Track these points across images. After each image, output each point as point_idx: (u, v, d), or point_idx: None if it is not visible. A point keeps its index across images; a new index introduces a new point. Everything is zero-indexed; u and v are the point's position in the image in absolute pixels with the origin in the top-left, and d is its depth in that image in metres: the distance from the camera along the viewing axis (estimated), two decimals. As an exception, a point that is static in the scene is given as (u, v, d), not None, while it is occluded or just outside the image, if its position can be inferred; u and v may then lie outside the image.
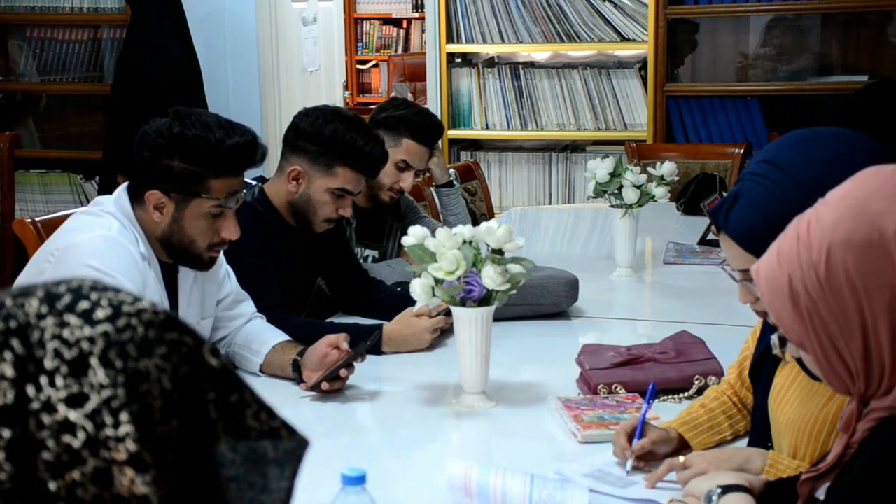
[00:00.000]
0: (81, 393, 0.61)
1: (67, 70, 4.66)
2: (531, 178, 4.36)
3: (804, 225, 1.08)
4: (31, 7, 4.56)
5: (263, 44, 4.67)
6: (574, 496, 1.39)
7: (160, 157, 1.73)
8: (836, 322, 1.05)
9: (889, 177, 1.06)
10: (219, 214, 1.76)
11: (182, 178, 1.73)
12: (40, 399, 0.61)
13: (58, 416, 0.61)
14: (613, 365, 1.82)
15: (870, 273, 1.03)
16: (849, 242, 1.04)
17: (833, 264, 1.04)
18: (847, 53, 4.08)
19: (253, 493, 0.66)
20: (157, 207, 1.75)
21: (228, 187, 1.75)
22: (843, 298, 1.04)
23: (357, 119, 2.19)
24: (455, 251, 1.70)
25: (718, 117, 4.10)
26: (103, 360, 0.62)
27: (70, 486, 0.60)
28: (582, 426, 1.63)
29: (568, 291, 2.27)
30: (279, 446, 0.67)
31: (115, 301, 0.64)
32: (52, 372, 0.61)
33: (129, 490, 0.61)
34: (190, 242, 1.77)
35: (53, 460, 0.60)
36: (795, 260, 1.06)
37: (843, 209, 1.05)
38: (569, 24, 4.17)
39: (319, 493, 1.18)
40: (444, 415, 1.78)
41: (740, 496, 1.20)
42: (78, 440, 0.61)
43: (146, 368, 0.63)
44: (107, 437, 0.61)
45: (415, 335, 2.04)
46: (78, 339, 0.62)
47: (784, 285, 1.07)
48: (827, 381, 1.11)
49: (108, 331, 0.63)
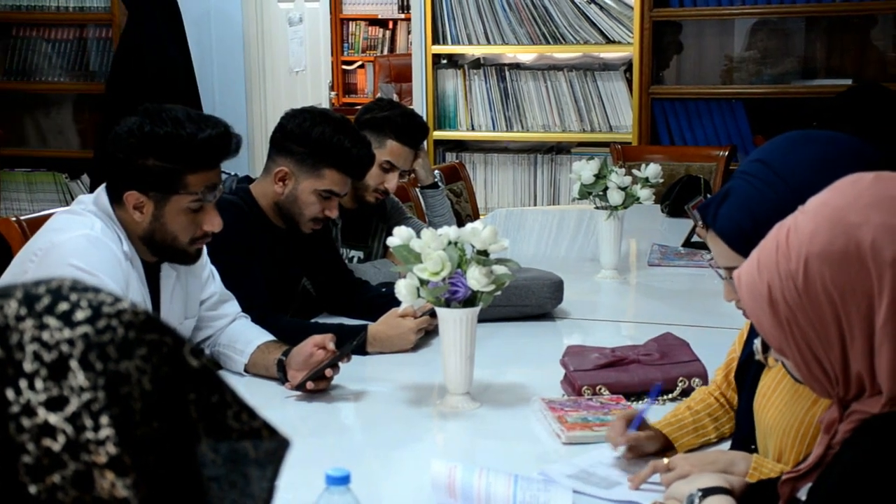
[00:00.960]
0: (61, 396, 0.61)
1: (53, 69, 4.64)
2: (516, 179, 4.37)
3: (783, 233, 1.08)
4: (17, 6, 4.55)
5: (250, 44, 4.67)
6: (558, 497, 1.39)
7: (134, 158, 1.71)
8: (814, 330, 1.06)
9: (866, 186, 1.07)
10: (199, 209, 1.75)
11: (158, 177, 1.72)
12: (20, 402, 0.60)
13: (38, 419, 0.60)
14: (598, 366, 1.83)
15: (846, 284, 1.04)
16: (826, 254, 1.04)
17: (811, 275, 1.05)
18: (831, 57, 4.09)
19: (234, 494, 0.66)
20: (137, 207, 1.74)
21: (206, 181, 1.74)
22: (820, 308, 1.05)
23: (344, 121, 2.19)
24: (440, 252, 1.71)
25: (703, 120, 4.11)
26: (83, 363, 0.61)
27: (50, 490, 0.60)
28: (566, 427, 1.64)
29: (553, 293, 2.28)
30: (260, 447, 0.67)
31: (95, 302, 0.64)
32: (31, 375, 0.61)
33: (110, 493, 0.61)
34: (173, 239, 1.76)
35: (34, 464, 0.60)
36: (774, 269, 1.07)
37: (821, 219, 1.06)
38: (554, 26, 4.18)
39: (303, 493, 1.18)
40: (428, 415, 1.78)
41: (721, 498, 1.20)
42: (58, 444, 0.60)
43: (126, 370, 0.62)
44: (87, 440, 0.60)
45: (399, 336, 2.04)
46: (57, 342, 0.62)
47: (764, 294, 1.08)
48: (808, 385, 1.12)
49: (88, 332, 0.62)
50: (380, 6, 7.16)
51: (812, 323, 1.06)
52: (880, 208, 1.04)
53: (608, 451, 1.56)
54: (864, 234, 1.04)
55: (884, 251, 1.03)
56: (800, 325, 1.06)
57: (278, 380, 1.84)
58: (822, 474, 1.10)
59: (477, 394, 1.79)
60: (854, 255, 1.04)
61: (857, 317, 1.04)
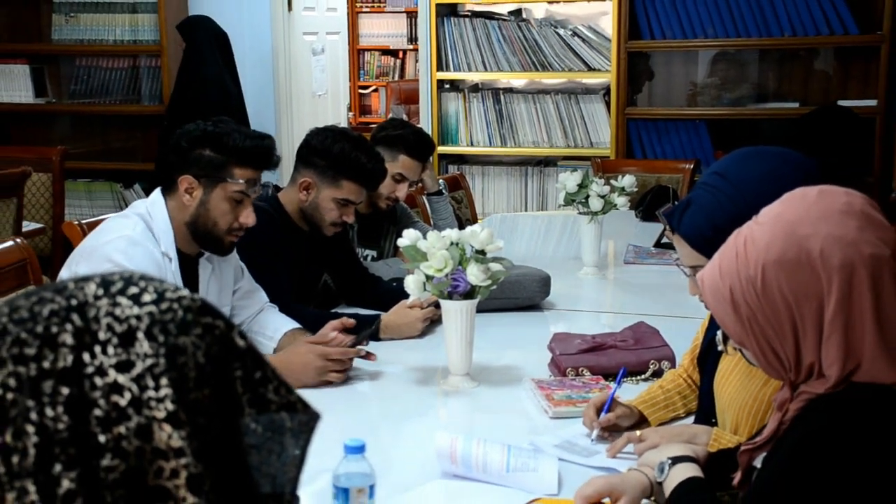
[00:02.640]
0: (129, 360, 0.62)
1: (109, 93, 4.67)
2: (509, 188, 4.37)
3: (741, 242, 1.09)
4: (80, 39, 4.58)
5: (278, 71, 4.67)
6: (545, 463, 1.39)
7: (194, 147, 1.77)
8: (771, 327, 1.06)
9: (813, 201, 1.07)
10: (240, 201, 1.78)
11: (211, 165, 1.77)
12: (94, 364, 0.61)
13: (108, 378, 0.61)
14: (580, 351, 1.83)
15: (799, 287, 1.04)
16: (781, 262, 1.05)
17: (768, 280, 1.05)
18: (781, 83, 4.10)
19: (272, 459, 0.67)
20: (188, 191, 1.77)
21: (250, 175, 1.78)
22: (777, 309, 1.05)
23: (361, 139, 2.19)
24: (443, 251, 1.70)
25: (671, 137, 4.11)
26: (148, 335, 0.62)
27: (117, 439, 0.61)
28: (553, 404, 1.64)
29: (541, 287, 2.28)
30: (295, 418, 0.68)
31: (160, 289, 0.65)
32: (104, 342, 0.62)
33: (167, 443, 0.61)
34: (214, 224, 1.78)
35: (103, 416, 0.61)
36: (735, 275, 1.07)
37: (776, 231, 1.06)
38: (542, 56, 4.18)
39: (325, 461, 1.18)
40: (433, 393, 1.78)
41: (688, 465, 1.20)
42: (124, 399, 0.61)
43: (184, 344, 0.63)
44: (149, 398, 0.61)
45: (408, 324, 2.04)
46: (127, 317, 0.63)
47: (726, 296, 1.08)
48: (765, 371, 1.12)
49: (153, 311, 0.63)
50: (391, 38, 7.16)
51: (770, 321, 1.06)
52: (827, 221, 1.05)
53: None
54: (814, 243, 1.04)
55: (831, 258, 1.03)
56: (759, 322, 1.06)
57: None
58: (775, 445, 1.10)
59: (475, 374, 1.79)
60: (805, 262, 1.04)
61: (809, 315, 1.05)
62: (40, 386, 0.61)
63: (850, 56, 3.94)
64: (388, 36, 7.16)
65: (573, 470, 1.40)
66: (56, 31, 4.65)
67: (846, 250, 1.03)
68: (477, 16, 4.28)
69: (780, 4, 3.86)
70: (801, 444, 1.05)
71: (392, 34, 7.15)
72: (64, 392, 0.61)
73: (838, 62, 4.00)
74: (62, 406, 0.61)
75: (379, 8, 7.12)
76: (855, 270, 1.03)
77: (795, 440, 1.06)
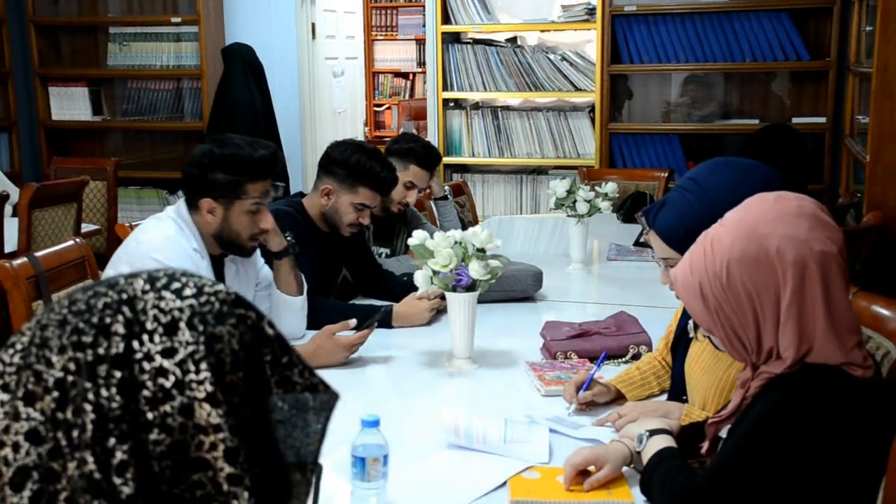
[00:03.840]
0: (172, 347, 0.62)
1: (156, 111, 4.69)
2: (506, 194, 4.36)
3: (709, 242, 1.09)
4: (131, 65, 4.62)
5: (304, 91, 4.67)
6: (538, 435, 1.39)
7: (206, 173, 1.72)
8: (735, 317, 1.07)
9: (770, 205, 1.08)
10: (256, 211, 1.75)
11: (225, 187, 1.73)
12: (142, 351, 0.61)
13: (155, 363, 0.61)
14: (568, 337, 1.83)
15: (759, 281, 1.05)
16: (743, 259, 1.05)
17: (732, 275, 1.05)
18: (743, 102, 4.09)
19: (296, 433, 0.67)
20: (210, 211, 1.74)
21: (261, 189, 1.75)
22: (740, 300, 1.06)
23: (376, 151, 2.19)
24: (448, 250, 1.70)
25: (648, 149, 4.10)
26: (189, 325, 0.62)
27: (163, 416, 0.61)
28: (544, 383, 1.64)
29: (534, 281, 2.27)
30: (317, 398, 0.68)
31: (199, 284, 0.65)
32: (151, 331, 0.62)
33: (206, 420, 0.61)
34: (237, 235, 1.76)
35: (151, 396, 0.61)
36: (703, 271, 1.08)
37: (738, 232, 1.07)
38: (535, 77, 4.17)
39: (344, 434, 1.18)
40: (439, 374, 1.77)
41: (663, 437, 1.20)
42: (169, 382, 0.61)
43: (220, 332, 0.63)
44: (190, 380, 0.61)
45: (417, 314, 2.04)
46: (171, 309, 0.63)
47: (696, 290, 1.08)
48: (730, 355, 1.13)
49: (194, 304, 0.63)
50: (402, 62, 7.15)
51: (734, 311, 1.06)
52: (782, 222, 1.05)
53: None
54: (771, 242, 1.04)
55: (786, 255, 1.03)
56: (725, 312, 1.07)
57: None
58: (738, 418, 1.10)
59: (476, 358, 1.79)
60: (764, 258, 1.04)
61: (768, 305, 1.05)
62: (96, 370, 0.61)
63: (802, 79, 3.95)
64: (400, 60, 7.15)
65: (563, 441, 1.40)
66: (111, 58, 4.68)
67: (799, 247, 1.04)
68: (477, 43, 4.27)
69: (742, 34, 3.87)
70: (760, 417, 1.05)
71: (403, 59, 7.13)
72: (116, 375, 0.61)
73: (792, 84, 4.00)
74: (115, 387, 0.61)
75: (391, 36, 7.11)
76: (807, 265, 1.03)
77: (755, 413, 1.06)
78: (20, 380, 0.63)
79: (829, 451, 1.02)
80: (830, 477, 1.03)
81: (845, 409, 1.03)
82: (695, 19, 3.93)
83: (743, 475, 1.03)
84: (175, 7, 4.60)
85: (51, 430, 0.62)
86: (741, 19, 3.87)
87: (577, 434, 1.43)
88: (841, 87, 3.73)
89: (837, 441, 1.02)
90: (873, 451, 1.05)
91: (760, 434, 1.04)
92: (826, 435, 1.02)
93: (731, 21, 3.89)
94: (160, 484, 0.61)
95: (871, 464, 1.05)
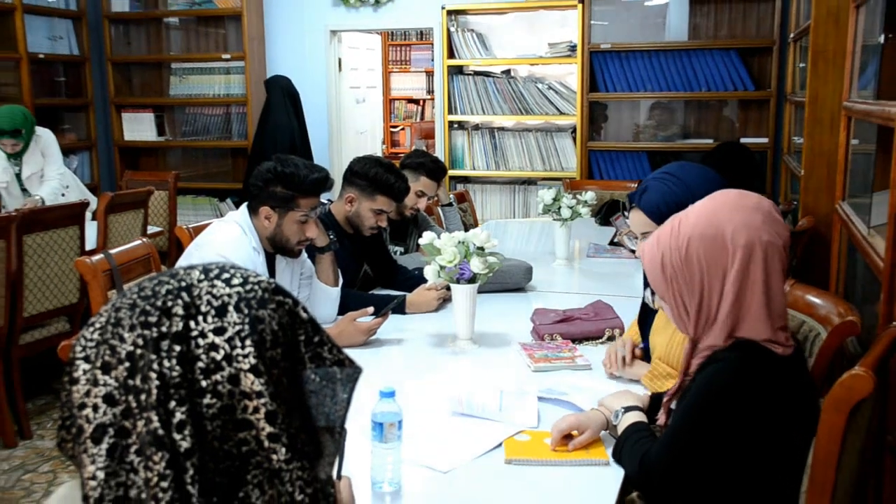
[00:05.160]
0: (222, 326, 0.62)
1: (208, 133, 4.70)
2: (502, 201, 4.35)
3: (676, 223, 1.09)
4: (189, 94, 4.65)
5: (331, 115, 4.67)
6: (528, 404, 1.39)
7: (269, 186, 1.74)
8: (686, 286, 1.06)
9: (733, 198, 1.08)
10: (305, 221, 1.76)
11: (282, 199, 1.74)
12: (198, 329, 0.62)
13: (208, 339, 0.62)
14: (554, 322, 1.82)
15: (712, 257, 1.04)
16: (702, 237, 1.05)
17: (690, 250, 1.05)
18: (699, 125, 4.08)
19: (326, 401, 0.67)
20: (267, 218, 1.76)
21: (311, 204, 1.76)
22: (693, 272, 1.06)
23: (391, 165, 2.19)
24: (453, 248, 1.70)
25: (621, 164, 4.09)
26: (236, 308, 0.63)
27: (214, 384, 0.61)
28: (534, 361, 1.63)
29: (525, 274, 2.27)
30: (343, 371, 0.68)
31: (246, 275, 0.66)
32: (205, 313, 0.62)
33: (250, 388, 0.61)
34: (286, 241, 1.78)
35: (204, 367, 0.61)
36: (667, 245, 1.08)
37: (701, 215, 1.07)
38: (526, 103, 4.16)
39: (365, 402, 1.18)
40: (445, 353, 1.77)
41: (636, 413, 1.20)
42: (219, 355, 0.61)
43: (262, 315, 0.63)
44: (237, 354, 0.62)
45: (427, 302, 2.04)
46: (221, 295, 0.63)
47: (658, 259, 1.08)
48: (673, 321, 1.12)
49: (240, 291, 0.64)
50: (414, 91, 7.15)
51: (686, 281, 1.06)
52: (740, 212, 1.05)
53: (561, 376, 1.55)
54: (728, 226, 1.04)
55: (738, 238, 1.03)
56: (678, 281, 1.07)
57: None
58: (682, 393, 1.10)
59: (476, 339, 1.79)
60: (720, 239, 1.04)
61: (715, 279, 1.05)
62: (159, 344, 0.62)
63: (748, 106, 3.94)
64: (412, 89, 7.14)
65: (549, 409, 1.40)
66: (172, 89, 4.71)
67: (750, 234, 1.04)
68: (477, 74, 4.27)
69: (699, 68, 3.87)
70: (699, 390, 1.05)
71: (415, 87, 7.13)
72: (176, 349, 0.61)
73: (740, 110, 3.99)
74: (175, 359, 0.61)
75: (405, 69, 7.11)
76: (754, 250, 1.03)
77: (696, 388, 1.06)
78: (98, 352, 0.63)
79: (758, 417, 1.02)
80: (760, 440, 1.03)
81: (768, 382, 1.03)
82: (659, 56, 3.93)
83: (687, 441, 1.04)
84: (225, 46, 4.62)
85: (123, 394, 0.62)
86: (698, 56, 3.88)
87: (561, 404, 1.42)
88: (780, 114, 3.75)
89: (763, 409, 1.02)
90: (795, 418, 1.04)
91: (700, 405, 1.04)
92: (754, 403, 1.02)
93: (690, 57, 3.89)
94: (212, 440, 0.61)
95: (794, 428, 1.05)
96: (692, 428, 1.03)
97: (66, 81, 4.48)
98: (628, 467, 1.12)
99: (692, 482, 1.04)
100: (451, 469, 1.19)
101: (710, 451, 1.02)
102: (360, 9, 4.45)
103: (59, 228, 2.66)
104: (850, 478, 1.06)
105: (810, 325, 1.31)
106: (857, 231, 1.59)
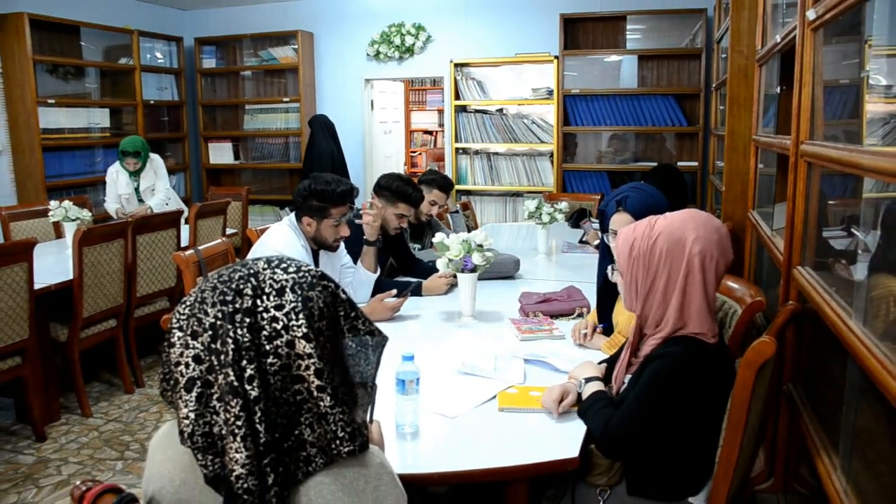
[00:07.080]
0: (281, 304, 0.62)
1: (272, 157, 4.71)
2: (496, 209, 4.34)
3: (654, 221, 1.08)
4: (258, 128, 4.65)
5: (365, 143, 4.66)
6: (517, 365, 1.38)
7: (307, 200, 1.74)
8: (643, 270, 1.05)
9: (703, 217, 1.06)
10: (338, 225, 1.76)
11: (318, 210, 1.74)
12: (263, 306, 0.62)
13: (270, 314, 0.62)
14: (537, 302, 1.81)
15: (671, 254, 1.03)
16: (670, 236, 1.04)
17: (657, 242, 1.04)
18: (646, 151, 4.05)
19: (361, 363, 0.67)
20: (308, 224, 1.76)
21: (341, 212, 1.76)
22: (653, 259, 1.04)
23: (410, 179, 2.18)
24: (459, 245, 1.70)
25: (587, 181, 4.07)
26: (292, 290, 0.63)
27: (276, 347, 0.61)
28: (521, 332, 1.63)
29: (515, 265, 2.26)
30: (374, 339, 0.68)
31: (298, 265, 0.66)
32: (268, 294, 0.62)
33: (303, 351, 0.62)
34: (324, 240, 1.78)
35: (268, 335, 0.61)
36: (641, 233, 1.07)
37: (674, 221, 1.06)
38: (514, 134, 4.14)
39: (390, 364, 1.18)
40: (453, 327, 1.76)
41: (595, 383, 1.19)
42: (279, 325, 0.62)
43: (312, 295, 0.64)
44: (292, 324, 0.62)
45: (438, 287, 2.02)
46: (281, 280, 0.63)
47: (629, 241, 1.07)
48: (622, 294, 1.10)
49: (295, 276, 0.64)
50: (429, 124, 7.11)
51: (645, 265, 1.05)
52: (704, 227, 1.04)
53: (542, 343, 1.54)
54: (690, 235, 1.03)
55: (694, 247, 1.02)
56: (639, 263, 1.05)
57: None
58: (637, 372, 1.08)
59: (477, 315, 1.78)
60: (682, 243, 1.03)
61: (667, 276, 1.03)
62: (234, 317, 0.62)
63: (683, 137, 3.94)
64: (427, 122, 7.11)
65: (533, 369, 1.39)
66: (245, 123, 4.72)
67: (704, 246, 1.02)
68: (477, 112, 4.25)
69: (646, 108, 3.86)
70: (651, 373, 1.03)
71: (429, 122, 7.10)
72: (247, 321, 0.62)
73: (677, 140, 3.97)
74: (245, 328, 0.61)
75: (422, 108, 7.08)
76: (704, 259, 1.02)
77: (648, 371, 1.04)
78: (189, 323, 0.64)
79: (695, 392, 1.02)
80: (696, 406, 1.03)
81: (702, 367, 1.02)
82: (616, 99, 3.92)
83: (643, 416, 1.03)
84: (285, 92, 4.65)
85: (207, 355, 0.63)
86: (646, 99, 3.87)
87: (543, 366, 1.41)
88: (706, 143, 3.76)
89: (699, 386, 1.02)
90: (719, 387, 1.04)
91: (653, 387, 1.03)
92: (692, 383, 1.01)
93: (639, 100, 3.88)
94: (274, 391, 0.61)
95: (718, 394, 1.04)
96: (646, 406, 1.03)
97: (168, 120, 4.60)
98: (594, 428, 1.10)
99: (644, 444, 1.03)
100: (457, 415, 1.19)
101: (661, 421, 1.02)
102: (388, 63, 4.47)
103: (162, 230, 2.71)
104: (757, 417, 1.07)
105: (730, 304, 1.31)
106: (764, 233, 1.63)
